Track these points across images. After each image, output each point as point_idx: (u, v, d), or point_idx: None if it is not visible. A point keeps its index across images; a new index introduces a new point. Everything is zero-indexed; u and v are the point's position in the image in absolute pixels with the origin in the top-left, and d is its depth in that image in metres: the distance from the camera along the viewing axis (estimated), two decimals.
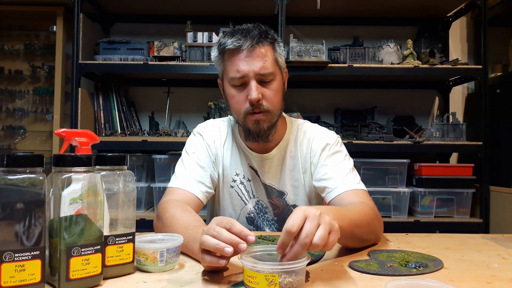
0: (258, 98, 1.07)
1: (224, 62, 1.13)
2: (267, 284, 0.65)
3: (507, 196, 2.16)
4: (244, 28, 1.12)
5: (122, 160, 0.78)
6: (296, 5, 2.29)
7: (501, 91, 2.43)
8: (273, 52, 1.12)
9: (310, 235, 0.67)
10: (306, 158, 1.23)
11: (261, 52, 1.08)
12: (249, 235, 0.70)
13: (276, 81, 1.12)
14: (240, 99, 1.11)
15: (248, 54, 1.07)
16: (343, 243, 0.95)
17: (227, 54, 1.11)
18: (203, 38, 2.28)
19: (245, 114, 1.11)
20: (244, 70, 1.07)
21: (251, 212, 1.25)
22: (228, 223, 0.72)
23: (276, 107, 1.13)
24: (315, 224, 0.69)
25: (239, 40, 1.07)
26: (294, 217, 0.69)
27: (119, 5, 2.54)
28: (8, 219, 0.62)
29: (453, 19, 2.60)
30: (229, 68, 1.11)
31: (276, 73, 1.12)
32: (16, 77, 2.78)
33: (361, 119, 2.50)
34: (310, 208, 0.72)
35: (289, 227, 0.68)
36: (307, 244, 0.67)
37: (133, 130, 2.41)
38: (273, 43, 1.13)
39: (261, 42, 1.09)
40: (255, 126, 1.12)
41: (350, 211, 0.92)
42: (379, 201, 2.22)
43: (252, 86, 1.07)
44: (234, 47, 1.08)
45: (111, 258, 0.75)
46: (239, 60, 1.08)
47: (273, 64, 1.11)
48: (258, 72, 1.07)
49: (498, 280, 0.76)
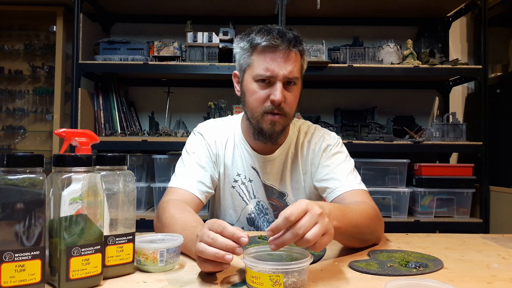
0: (281, 100, 1.08)
1: (253, 57, 1.12)
2: (271, 284, 0.65)
3: (507, 196, 2.16)
4: (280, 29, 1.11)
5: (122, 160, 0.78)
6: (296, 5, 2.30)
7: (501, 91, 2.43)
8: (300, 59, 1.13)
9: (305, 229, 0.68)
10: (307, 159, 1.23)
11: (293, 56, 1.09)
12: (241, 236, 0.69)
13: (297, 87, 1.14)
14: (261, 96, 1.11)
15: (281, 56, 1.08)
16: (343, 242, 0.95)
17: (259, 50, 1.10)
18: (203, 38, 2.28)
19: (263, 113, 1.11)
20: (275, 70, 1.07)
21: (252, 213, 1.25)
22: (219, 227, 0.71)
23: (293, 111, 1.14)
24: (313, 221, 0.69)
25: (276, 40, 1.07)
26: (296, 206, 0.70)
27: (119, 5, 2.54)
28: (8, 219, 0.62)
29: (453, 19, 2.59)
30: (258, 64, 1.10)
31: (299, 79, 1.14)
32: (16, 77, 2.78)
33: (361, 119, 2.50)
34: (314, 204, 0.72)
35: (288, 215, 0.68)
36: (299, 235, 0.67)
37: (133, 130, 2.40)
38: (302, 51, 1.14)
39: (296, 47, 1.10)
40: (270, 127, 1.12)
41: (351, 210, 0.92)
42: (379, 201, 2.22)
43: (278, 87, 1.08)
44: (271, 45, 1.07)
45: (111, 258, 0.75)
46: (272, 60, 1.08)
47: (299, 70, 1.13)
48: (287, 76, 1.08)
49: (498, 280, 0.76)
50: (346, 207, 0.95)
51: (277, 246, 0.69)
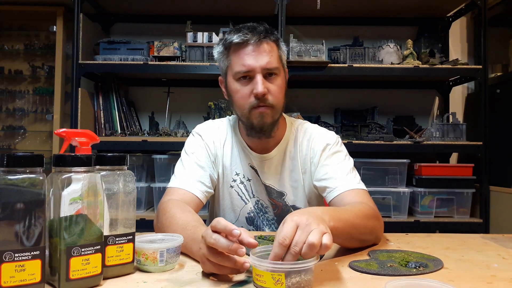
0: (264, 92, 1.08)
1: (230, 57, 1.13)
2: (273, 282, 0.65)
3: (507, 196, 2.16)
4: (250, 25, 1.14)
5: (122, 160, 0.78)
6: (296, 5, 2.29)
7: (501, 91, 2.43)
8: (277, 49, 1.15)
9: (300, 244, 0.67)
10: (306, 158, 1.23)
11: (267, 47, 1.11)
12: (234, 229, 0.69)
13: (280, 78, 1.14)
14: (244, 94, 1.11)
15: (255, 49, 1.09)
16: (341, 244, 0.95)
17: (233, 49, 1.12)
18: (203, 38, 2.28)
19: (250, 108, 1.11)
20: (251, 64, 1.08)
21: (251, 212, 1.25)
22: (214, 222, 0.72)
23: (280, 103, 1.14)
24: (305, 233, 0.68)
25: (246, 35, 1.09)
26: (286, 228, 0.69)
27: (119, 5, 2.53)
28: (8, 219, 0.62)
29: (453, 19, 2.60)
30: (235, 62, 1.11)
31: (280, 69, 1.14)
32: (16, 77, 2.78)
33: (361, 119, 2.50)
34: (301, 216, 0.71)
35: (281, 240, 0.68)
36: (297, 252, 0.67)
37: (133, 130, 2.40)
38: (277, 41, 1.15)
39: (267, 37, 1.11)
40: (259, 120, 1.12)
41: (348, 211, 0.92)
42: (379, 201, 2.22)
43: (258, 79, 1.08)
44: (241, 41, 1.09)
45: (111, 258, 0.75)
46: (246, 54, 1.09)
47: (278, 60, 1.13)
48: (264, 67, 1.09)
49: (498, 280, 0.76)
50: (341, 208, 0.95)
51: None
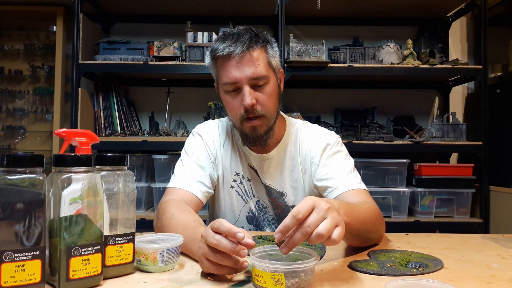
0: (252, 103, 1.07)
1: (217, 69, 1.13)
2: (273, 283, 0.65)
3: (507, 196, 2.16)
4: (235, 32, 1.11)
5: (122, 160, 0.78)
6: (296, 5, 2.30)
7: (501, 91, 2.42)
8: (265, 55, 1.11)
9: (313, 226, 0.66)
10: (306, 158, 1.22)
11: (252, 57, 1.07)
12: (238, 232, 0.69)
13: (270, 84, 1.12)
14: (234, 105, 1.11)
15: (239, 60, 1.07)
16: (348, 240, 0.95)
17: (219, 61, 1.11)
18: (203, 38, 2.28)
19: (241, 120, 1.11)
20: (236, 76, 1.07)
21: (251, 212, 1.25)
22: (215, 223, 0.72)
23: (271, 110, 1.12)
24: (321, 216, 0.68)
25: (230, 47, 1.06)
26: (302, 204, 0.68)
27: (119, 5, 2.53)
28: (8, 219, 0.62)
29: (453, 19, 2.59)
30: (222, 74, 1.10)
31: (269, 76, 1.11)
32: (16, 77, 2.78)
33: (361, 119, 2.50)
34: (320, 200, 0.71)
35: (295, 213, 0.67)
36: (308, 233, 0.66)
37: (133, 130, 2.40)
38: (265, 46, 1.12)
39: (251, 47, 1.08)
40: (252, 132, 1.12)
41: (359, 207, 0.92)
42: (379, 201, 2.22)
43: (246, 91, 1.07)
44: (225, 53, 1.07)
45: (111, 258, 0.75)
46: (231, 67, 1.07)
47: (266, 67, 1.10)
48: (250, 77, 1.07)
49: (498, 280, 0.76)
50: (353, 204, 0.94)
51: (289, 248, 0.68)
